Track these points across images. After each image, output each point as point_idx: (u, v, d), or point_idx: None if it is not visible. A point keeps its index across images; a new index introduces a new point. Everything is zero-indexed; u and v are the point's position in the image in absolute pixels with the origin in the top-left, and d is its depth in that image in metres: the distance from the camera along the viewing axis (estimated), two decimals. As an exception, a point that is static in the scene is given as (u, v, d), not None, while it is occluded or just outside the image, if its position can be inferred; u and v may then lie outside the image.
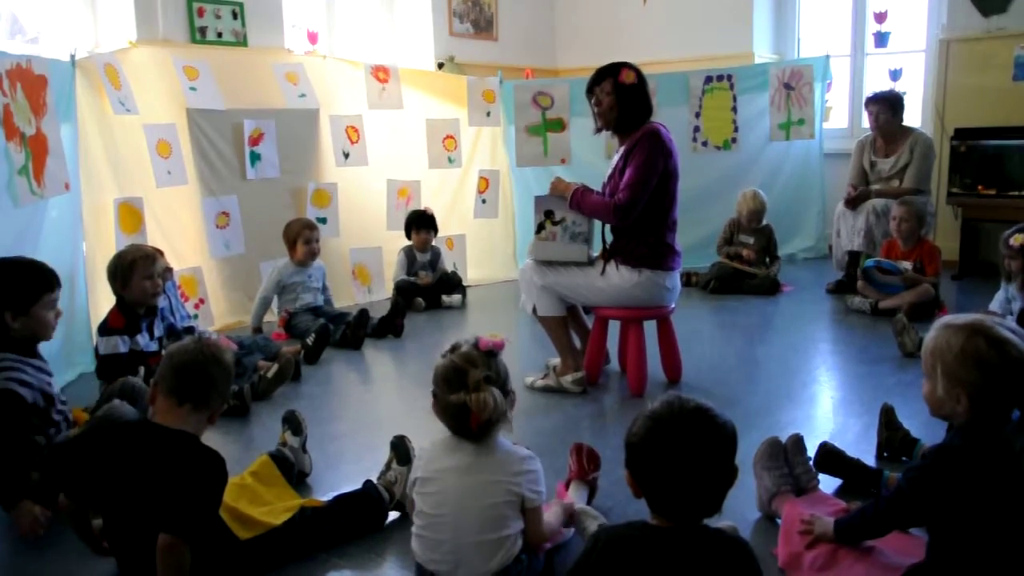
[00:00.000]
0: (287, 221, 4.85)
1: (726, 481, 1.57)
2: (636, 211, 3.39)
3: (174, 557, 1.90)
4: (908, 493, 1.81)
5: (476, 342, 2.00)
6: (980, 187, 5.76)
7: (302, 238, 4.70)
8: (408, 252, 5.48)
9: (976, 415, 1.75)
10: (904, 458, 2.73)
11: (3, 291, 2.57)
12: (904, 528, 2.04)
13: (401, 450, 2.58)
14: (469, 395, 1.91)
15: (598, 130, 3.63)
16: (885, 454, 2.77)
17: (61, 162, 3.87)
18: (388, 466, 2.57)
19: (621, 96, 3.46)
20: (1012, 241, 3.83)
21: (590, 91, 3.56)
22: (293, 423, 2.80)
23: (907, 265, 4.81)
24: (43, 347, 3.68)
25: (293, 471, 2.63)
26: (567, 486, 2.47)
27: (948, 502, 1.73)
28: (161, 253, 4.06)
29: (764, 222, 5.71)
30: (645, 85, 3.51)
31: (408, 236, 5.50)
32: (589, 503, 2.46)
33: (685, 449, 1.54)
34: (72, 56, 4.15)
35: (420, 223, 5.46)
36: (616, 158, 3.56)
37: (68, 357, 3.95)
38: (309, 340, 4.21)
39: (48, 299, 2.66)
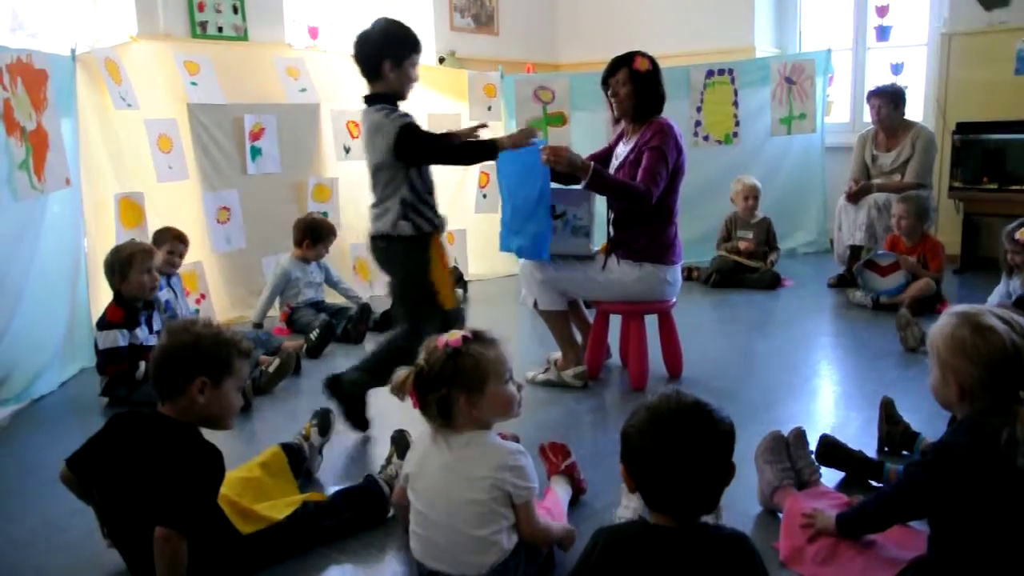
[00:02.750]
0: (288, 215, 4.85)
1: (722, 478, 1.56)
2: (657, 195, 3.37)
3: (170, 549, 1.90)
4: (909, 488, 1.81)
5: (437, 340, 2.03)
6: (984, 180, 5.74)
7: (325, 243, 4.72)
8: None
9: (973, 406, 1.75)
10: (905, 452, 2.73)
11: (390, 42, 3.05)
12: (906, 522, 2.04)
13: (401, 444, 2.59)
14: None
15: (616, 120, 3.61)
16: (886, 449, 2.77)
17: (62, 157, 3.87)
18: (389, 460, 2.58)
19: (637, 84, 3.45)
20: (1018, 235, 3.83)
21: (605, 82, 3.55)
22: (324, 422, 2.80)
23: (911, 260, 4.78)
24: (45, 342, 3.70)
25: (303, 466, 2.64)
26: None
27: (949, 498, 1.72)
28: (186, 240, 4.13)
29: (761, 215, 5.71)
30: (659, 74, 3.50)
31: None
32: (576, 496, 2.47)
33: (681, 444, 1.53)
34: (73, 51, 4.14)
35: None
36: (624, 149, 3.54)
37: (69, 352, 3.95)
38: (313, 335, 4.21)
39: (416, 58, 3.11)
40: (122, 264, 3.48)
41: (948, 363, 1.75)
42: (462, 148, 3.29)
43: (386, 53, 3.05)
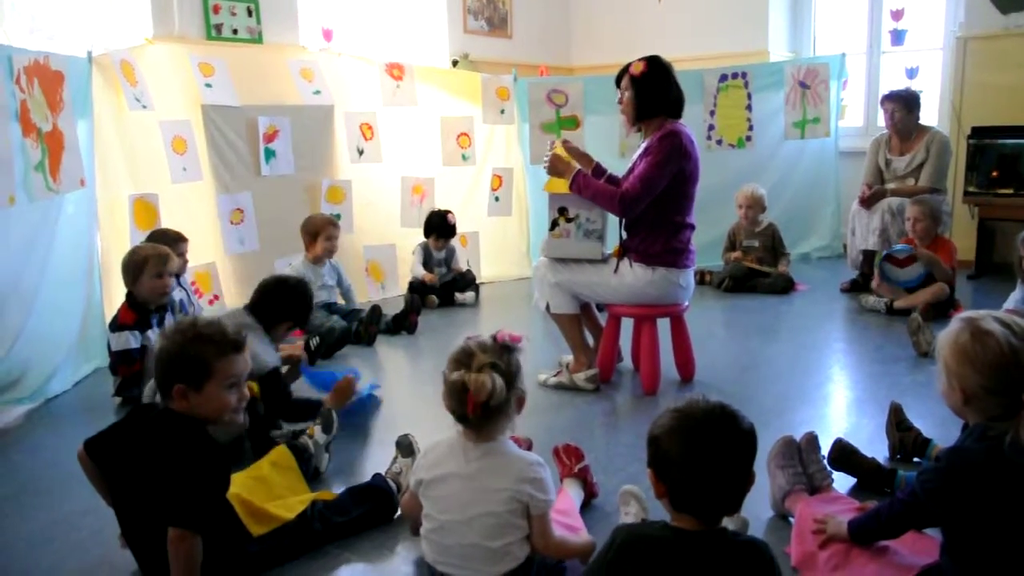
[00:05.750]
0: (302, 217, 4.85)
1: (745, 482, 1.58)
2: (640, 205, 3.38)
3: (184, 549, 1.91)
4: (922, 495, 1.80)
5: (494, 335, 1.98)
6: (997, 185, 5.70)
7: (325, 234, 4.70)
8: (425, 247, 5.50)
9: (980, 411, 1.74)
10: (917, 459, 2.72)
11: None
12: (919, 529, 2.03)
13: (404, 445, 2.61)
14: (469, 374, 1.87)
15: (636, 129, 3.61)
16: (898, 456, 2.75)
17: (77, 158, 3.89)
18: (394, 461, 2.59)
19: (636, 88, 3.46)
20: None
21: (619, 92, 3.58)
22: (326, 420, 2.82)
23: (927, 252, 4.74)
24: (59, 342, 3.71)
25: (310, 464, 2.66)
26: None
27: (962, 504, 1.71)
28: (184, 239, 4.10)
29: (766, 222, 5.69)
30: (664, 75, 3.48)
31: (426, 236, 5.51)
32: (588, 500, 2.47)
33: (710, 445, 1.55)
34: (89, 53, 4.18)
35: (441, 232, 5.47)
36: (636, 155, 3.55)
37: (83, 352, 3.98)
38: (312, 342, 4.09)
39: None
40: (135, 267, 3.50)
41: (952, 368, 1.76)
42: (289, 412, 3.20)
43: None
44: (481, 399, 1.85)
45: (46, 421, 3.46)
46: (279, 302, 3.23)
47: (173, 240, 4.01)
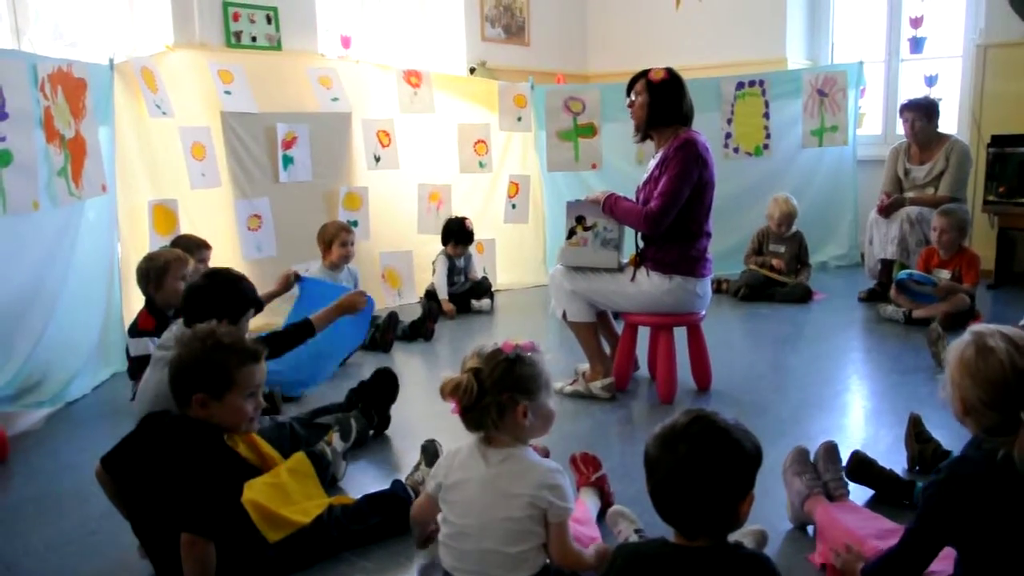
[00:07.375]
0: (319, 224, 4.87)
1: (731, 496, 1.55)
2: (667, 220, 3.39)
3: (197, 554, 1.92)
4: (926, 511, 1.77)
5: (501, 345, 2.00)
6: (1018, 194, 5.64)
7: (338, 240, 4.70)
8: (447, 258, 5.50)
9: (979, 423, 1.73)
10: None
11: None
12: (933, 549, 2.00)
13: (430, 452, 2.61)
14: (451, 375, 1.92)
15: (642, 138, 3.62)
16: (917, 468, 2.73)
17: (98, 164, 3.93)
18: (417, 467, 2.59)
19: (652, 94, 3.47)
20: None
21: (629, 97, 3.57)
22: (345, 427, 2.82)
23: (945, 274, 4.73)
24: (78, 347, 3.74)
25: (328, 472, 2.66)
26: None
27: (966, 515, 1.69)
28: (208, 246, 4.11)
29: (794, 229, 5.68)
30: (680, 86, 3.50)
31: (444, 244, 5.52)
32: (605, 508, 2.46)
33: (683, 453, 1.54)
34: (111, 60, 4.22)
35: (460, 238, 5.48)
36: (652, 164, 3.55)
37: (103, 357, 4.01)
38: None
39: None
40: (158, 271, 3.49)
41: (954, 379, 1.76)
42: (279, 343, 3.12)
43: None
44: (448, 397, 1.90)
45: (65, 425, 3.48)
46: (199, 304, 2.72)
47: (197, 246, 4.04)
